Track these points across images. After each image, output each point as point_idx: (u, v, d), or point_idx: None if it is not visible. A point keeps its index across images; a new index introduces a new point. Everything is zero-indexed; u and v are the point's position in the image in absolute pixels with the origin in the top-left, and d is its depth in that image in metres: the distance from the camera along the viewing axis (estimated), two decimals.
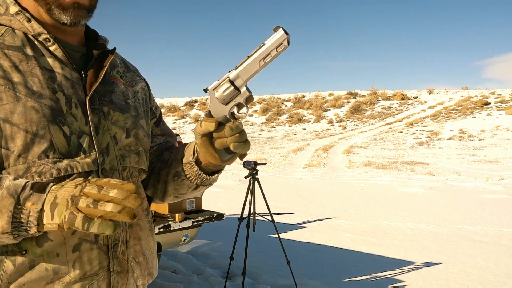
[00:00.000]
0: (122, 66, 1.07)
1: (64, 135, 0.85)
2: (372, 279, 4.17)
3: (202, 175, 1.01)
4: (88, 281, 0.86)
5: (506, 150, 18.29)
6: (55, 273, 0.83)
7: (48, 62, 0.88)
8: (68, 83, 0.89)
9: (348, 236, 5.83)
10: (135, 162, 0.98)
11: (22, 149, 0.82)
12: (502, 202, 8.50)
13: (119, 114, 0.96)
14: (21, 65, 0.85)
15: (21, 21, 0.89)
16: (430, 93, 40.20)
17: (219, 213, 3.39)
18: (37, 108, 0.83)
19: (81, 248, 0.85)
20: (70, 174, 0.85)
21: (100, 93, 0.94)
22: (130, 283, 0.94)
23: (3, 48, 0.85)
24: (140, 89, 1.07)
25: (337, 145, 22.83)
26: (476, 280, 4.16)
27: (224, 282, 3.80)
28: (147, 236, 1.01)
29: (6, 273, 0.81)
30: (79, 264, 0.85)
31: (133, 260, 0.95)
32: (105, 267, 0.89)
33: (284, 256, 3.76)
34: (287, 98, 42.06)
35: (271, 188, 9.69)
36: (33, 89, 0.84)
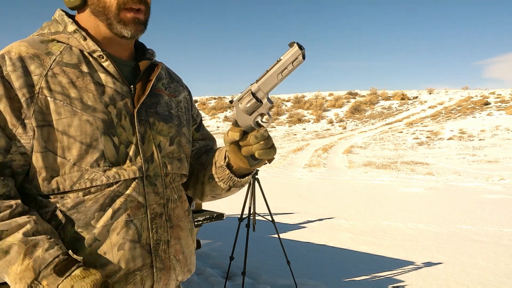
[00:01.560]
0: (167, 77, 1.15)
1: (113, 145, 0.94)
2: (372, 279, 4.17)
3: (234, 178, 1.08)
4: (132, 276, 0.95)
5: (506, 150, 18.29)
6: (103, 269, 0.92)
7: (101, 78, 0.97)
8: (119, 96, 0.97)
9: (348, 236, 5.83)
10: (177, 168, 1.06)
11: (77, 158, 0.91)
12: (502, 202, 8.50)
13: (163, 124, 1.04)
14: (77, 81, 0.94)
15: (78, 39, 0.97)
16: (430, 93, 40.21)
17: (219, 213, 3.39)
18: (91, 121, 0.92)
19: (125, 247, 0.94)
20: (118, 181, 0.94)
21: (146, 105, 1.02)
22: (172, 279, 1.02)
23: (61, 65, 0.94)
24: (183, 98, 1.16)
25: (337, 145, 22.83)
26: (476, 280, 4.16)
27: (224, 282, 3.80)
28: (187, 236, 1.08)
29: None
30: (124, 261, 0.93)
31: (174, 258, 1.03)
32: (148, 264, 0.97)
33: (284, 256, 3.76)
34: (287, 98, 42.07)
35: (271, 188, 9.69)
36: (88, 104, 0.93)
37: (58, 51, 0.95)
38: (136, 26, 0.98)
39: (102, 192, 0.93)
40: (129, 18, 0.97)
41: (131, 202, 0.96)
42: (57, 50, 0.96)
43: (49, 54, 0.94)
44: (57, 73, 0.93)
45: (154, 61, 1.09)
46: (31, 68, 0.91)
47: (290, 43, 0.89)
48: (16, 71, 0.90)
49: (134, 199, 0.96)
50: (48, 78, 0.92)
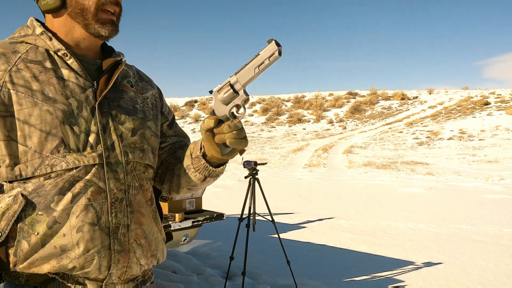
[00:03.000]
0: (135, 77, 1.23)
1: (74, 133, 1.01)
2: (372, 279, 4.17)
3: (209, 167, 1.13)
4: (90, 257, 1.00)
5: (506, 150, 18.29)
6: (62, 250, 0.99)
7: (65, 73, 1.05)
8: (81, 90, 1.05)
9: (348, 236, 5.83)
10: (139, 158, 1.12)
11: (37, 145, 0.98)
12: (502, 202, 8.50)
13: (126, 116, 1.11)
14: (40, 75, 1.02)
15: (44, 40, 1.07)
16: (430, 93, 40.21)
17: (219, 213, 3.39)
18: (51, 111, 0.99)
19: (83, 229, 0.99)
20: (78, 166, 1.01)
21: (110, 98, 1.10)
22: (133, 262, 1.07)
23: (26, 62, 1.03)
24: (150, 95, 1.23)
25: (337, 145, 22.83)
26: (476, 280, 4.16)
27: (224, 282, 3.80)
28: (150, 223, 1.13)
29: (23, 251, 0.98)
30: (82, 242, 0.99)
31: (135, 242, 1.08)
32: (107, 246, 1.02)
33: (284, 256, 3.76)
34: (287, 98, 42.07)
35: (271, 188, 9.69)
36: (49, 96, 1.00)
37: (24, 50, 1.05)
38: (112, 26, 1.08)
39: (61, 177, 0.99)
40: (106, 19, 1.07)
41: (91, 186, 1.01)
42: (24, 49, 1.05)
43: (15, 52, 1.04)
44: (21, 69, 1.01)
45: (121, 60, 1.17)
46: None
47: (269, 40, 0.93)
48: None
49: (94, 184, 1.02)
50: (12, 73, 1.00)
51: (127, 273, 1.07)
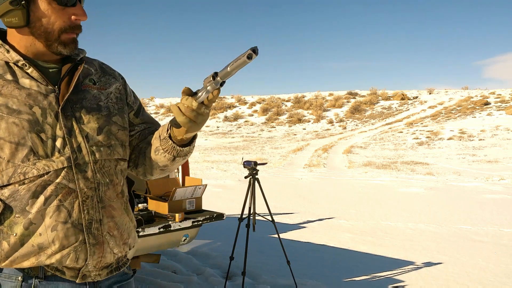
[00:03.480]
0: (98, 72, 1.26)
1: (41, 140, 1.07)
2: (372, 279, 4.17)
3: (176, 147, 1.19)
4: (66, 252, 1.09)
5: (506, 150, 18.29)
6: (40, 248, 1.07)
7: (26, 83, 1.10)
8: (43, 97, 1.10)
9: (348, 236, 5.83)
10: (106, 155, 1.17)
11: (9, 156, 1.05)
12: (502, 202, 8.50)
13: (90, 116, 1.16)
14: (2, 89, 1.07)
15: (2, 52, 1.11)
16: (430, 93, 40.21)
17: (219, 213, 3.38)
18: (17, 123, 1.05)
19: (57, 228, 1.08)
20: (48, 172, 1.07)
21: (72, 101, 1.14)
22: (106, 252, 1.16)
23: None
24: (113, 89, 1.26)
25: (337, 145, 22.83)
26: (476, 280, 4.16)
27: (224, 282, 3.80)
28: (121, 214, 1.20)
29: (4, 250, 1.07)
30: (57, 240, 1.08)
31: (108, 234, 1.16)
32: (82, 240, 1.11)
33: (284, 256, 3.76)
34: (287, 98, 42.07)
35: (271, 188, 9.69)
36: (13, 108, 1.06)
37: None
38: (73, 45, 1.14)
39: (33, 182, 1.07)
40: (68, 40, 1.12)
41: (61, 189, 1.09)
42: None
43: None
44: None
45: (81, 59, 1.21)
46: None
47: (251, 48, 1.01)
48: None
49: (64, 186, 1.09)
50: None
51: (102, 262, 1.15)
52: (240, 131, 33.07)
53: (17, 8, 1.09)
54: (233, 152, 20.19)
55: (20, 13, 1.09)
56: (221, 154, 19.88)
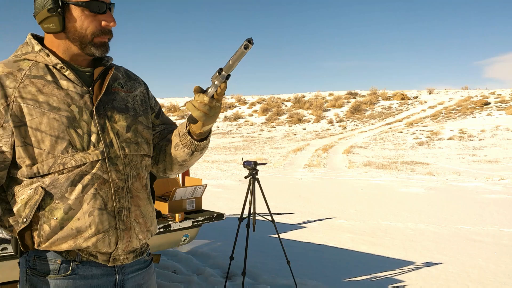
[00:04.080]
0: (124, 77, 1.41)
1: (78, 135, 1.21)
2: (372, 279, 4.17)
3: (194, 142, 1.32)
4: (102, 235, 1.22)
5: (506, 150, 18.29)
6: (77, 231, 1.20)
7: (64, 84, 1.24)
8: (79, 97, 1.24)
9: (348, 236, 5.83)
10: (134, 150, 1.31)
11: (50, 148, 1.18)
12: (502, 202, 8.50)
13: (120, 116, 1.30)
14: (44, 88, 1.21)
15: (43, 56, 1.25)
16: (430, 93, 40.20)
17: (219, 213, 3.38)
18: (57, 118, 1.19)
19: (94, 213, 1.21)
20: (85, 163, 1.21)
21: (104, 102, 1.29)
22: (133, 237, 1.29)
23: (30, 77, 1.21)
24: (138, 93, 1.41)
25: (337, 145, 22.83)
26: (476, 280, 4.16)
27: (224, 282, 3.80)
28: (146, 204, 1.34)
29: (45, 233, 1.20)
30: (93, 225, 1.21)
31: (134, 221, 1.29)
32: (113, 226, 1.24)
33: (284, 256, 3.76)
34: (287, 98, 42.06)
35: (271, 188, 9.69)
36: (53, 105, 1.20)
37: (27, 67, 1.23)
38: (104, 48, 1.27)
39: (72, 172, 1.20)
40: (100, 43, 1.26)
41: (97, 178, 1.22)
42: (27, 66, 1.23)
43: (20, 70, 1.22)
44: (27, 84, 1.20)
45: (111, 64, 1.35)
46: (6, 83, 1.18)
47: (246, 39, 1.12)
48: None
49: (99, 176, 1.22)
50: (20, 89, 1.19)
51: (129, 246, 1.29)
52: (240, 131, 33.08)
53: (54, 15, 1.23)
54: (233, 152, 20.19)
55: (56, 20, 1.23)
56: (221, 154, 19.88)
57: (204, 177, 11.14)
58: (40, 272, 1.22)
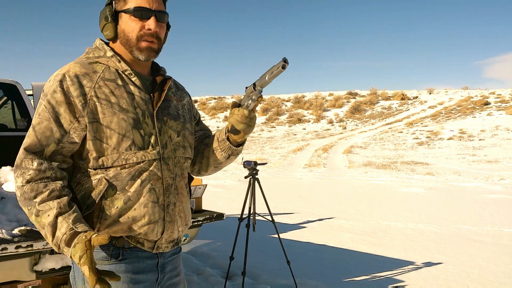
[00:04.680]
0: (174, 87, 1.57)
1: (140, 136, 1.36)
2: (372, 279, 4.17)
3: (232, 147, 1.50)
4: (152, 225, 1.38)
5: (506, 150, 18.29)
6: (133, 220, 1.35)
7: (131, 89, 1.39)
8: (143, 102, 1.40)
9: (348, 236, 5.83)
10: (182, 153, 1.48)
11: (116, 144, 1.33)
12: (502, 202, 8.50)
13: (173, 121, 1.47)
14: (115, 91, 1.35)
15: (114, 62, 1.39)
16: (430, 93, 40.21)
17: (219, 213, 3.38)
18: (125, 119, 1.34)
19: (148, 205, 1.36)
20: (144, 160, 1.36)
21: (162, 108, 1.44)
22: (175, 229, 1.45)
23: (104, 80, 1.35)
24: (186, 102, 1.58)
25: (337, 145, 22.83)
26: (476, 280, 4.16)
27: (224, 282, 3.81)
28: (187, 201, 1.51)
29: (106, 219, 1.33)
30: (147, 215, 1.36)
31: (177, 215, 1.45)
32: (162, 217, 1.40)
33: (284, 256, 3.76)
34: (287, 98, 42.06)
35: (271, 188, 9.69)
36: (123, 107, 1.34)
37: (101, 70, 1.37)
38: (148, 52, 1.39)
39: (133, 167, 1.35)
40: (144, 47, 1.38)
41: (153, 175, 1.37)
42: (100, 69, 1.37)
43: (95, 72, 1.36)
44: (101, 86, 1.34)
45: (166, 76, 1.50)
46: (83, 83, 1.32)
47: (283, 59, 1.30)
48: (74, 85, 1.31)
49: (155, 174, 1.38)
50: (96, 89, 1.33)
51: (171, 237, 1.45)
52: None
53: (109, 22, 1.40)
54: None
55: (111, 26, 1.40)
56: None
57: (204, 177, 11.14)
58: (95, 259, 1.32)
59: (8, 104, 4.86)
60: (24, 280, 2.37)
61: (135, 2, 1.38)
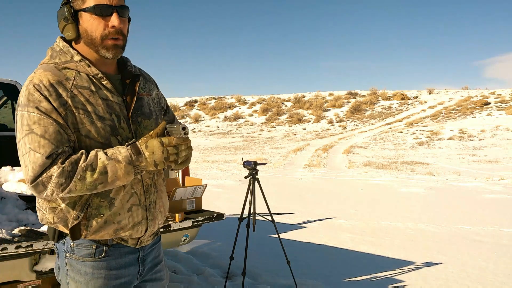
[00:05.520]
0: (142, 80, 1.52)
1: (118, 142, 1.36)
2: (372, 279, 4.17)
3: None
4: (136, 227, 1.44)
5: (506, 150, 18.29)
6: (118, 223, 1.40)
7: (104, 93, 1.37)
8: (117, 106, 1.39)
9: (348, 236, 5.83)
10: None
11: None
12: (502, 202, 8.50)
13: (147, 120, 1.46)
14: (90, 98, 1.34)
15: (84, 66, 1.36)
16: (430, 93, 40.20)
17: (219, 213, 3.38)
18: (103, 127, 1.34)
19: (132, 209, 1.42)
20: None
21: (135, 109, 1.43)
22: (156, 224, 1.52)
23: (78, 88, 1.33)
24: (154, 95, 1.55)
25: (337, 145, 22.83)
26: (476, 280, 4.16)
27: (224, 282, 3.80)
28: (164, 196, 1.57)
29: (92, 227, 1.37)
30: (131, 218, 1.42)
31: (158, 211, 1.52)
32: (145, 217, 1.46)
33: (284, 256, 3.76)
34: (287, 98, 42.06)
35: (271, 188, 9.69)
36: (100, 115, 1.34)
37: (72, 77, 1.34)
38: (115, 50, 1.37)
39: None
40: (110, 45, 1.36)
41: (133, 179, 1.37)
42: (71, 75, 1.34)
43: (67, 79, 1.33)
44: (76, 94, 1.32)
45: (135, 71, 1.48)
46: (59, 91, 1.30)
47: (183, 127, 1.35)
48: (52, 95, 1.28)
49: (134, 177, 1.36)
50: (71, 98, 1.31)
51: (152, 231, 1.52)
52: (240, 131, 33.08)
53: (69, 23, 1.36)
54: (233, 152, 20.19)
55: (71, 27, 1.36)
56: (221, 154, 19.88)
57: (204, 177, 11.14)
58: (78, 256, 1.41)
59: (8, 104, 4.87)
60: (24, 280, 2.37)
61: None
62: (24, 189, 3.15)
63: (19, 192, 3.03)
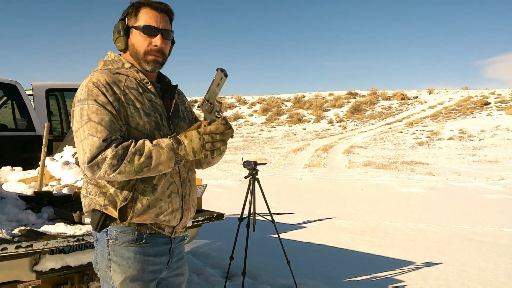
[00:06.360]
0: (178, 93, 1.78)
1: (160, 136, 1.59)
2: (372, 279, 4.17)
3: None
4: (174, 213, 1.63)
5: (506, 150, 18.29)
6: (160, 209, 1.59)
7: (149, 95, 1.63)
8: (159, 107, 1.64)
9: (348, 236, 5.83)
10: None
11: None
12: (502, 202, 8.50)
13: (183, 123, 1.72)
14: (138, 97, 1.59)
15: (133, 72, 1.63)
16: (430, 93, 40.20)
17: (219, 213, 3.37)
18: (149, 122, 1.58)
19: (171, 196, 1.62)
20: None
21: (173, 111, 1.69)
22: (188, 216, 1.71)
23: (128, 88, 1.58)
24: (186, 105, 1.83)
25: (337, 145, 22.83)
26: (476, 280, 4.16)
27: (224, 282, 3.81)
28: (195, 191, 1.76)
29: (138, 209, 1.56)
30: (170, 204, 1.62)
31: (191, 203, 1.72)
32: (181, 206, 1.66)
33: (284, 256, 3.76)
34: (287, 98, 42.05)
35: (271, 188, 9.69)
36: (146, 111, 1.59)
37: (123, 80, 1.60)
38: (154, 64, 1.63)
39: None
40: (150, 60, 1.62)
41: (172, 170, 1.60)
42: (123, 78, 1.60)
43: (120, 81, 1.58)
44: (127, 93, 1.57)
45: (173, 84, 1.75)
46: (114, 89, 1.54)
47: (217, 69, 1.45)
48: (108, 91, 1.53)
49: (174, 169, 1.58)
50: (124, 96, 1.55)
51: (185, 223, 1.71)
52: (240, 131, 33.08)
53: (121, 36, 1.63)
54: (233, 152, 20.19)
55: (122, 40, 1.63)
56: None
57: (204, 177, 11.13)
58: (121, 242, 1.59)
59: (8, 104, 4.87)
60: (24, 280, 2.37)
61: (144, 20, 1.60)
62: (24, 189, 3.15)
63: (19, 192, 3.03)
